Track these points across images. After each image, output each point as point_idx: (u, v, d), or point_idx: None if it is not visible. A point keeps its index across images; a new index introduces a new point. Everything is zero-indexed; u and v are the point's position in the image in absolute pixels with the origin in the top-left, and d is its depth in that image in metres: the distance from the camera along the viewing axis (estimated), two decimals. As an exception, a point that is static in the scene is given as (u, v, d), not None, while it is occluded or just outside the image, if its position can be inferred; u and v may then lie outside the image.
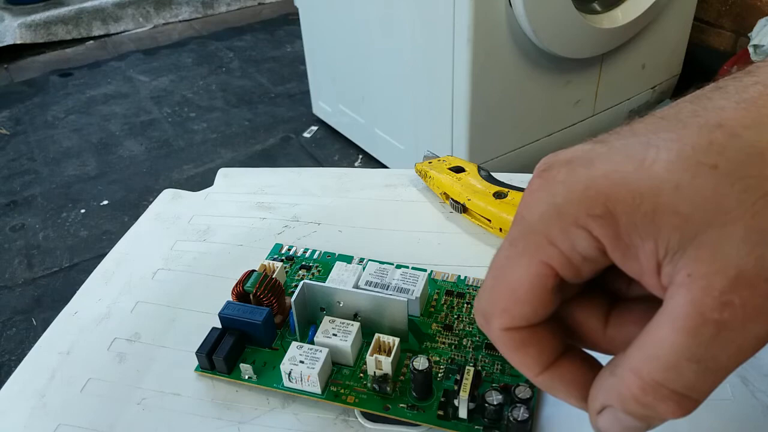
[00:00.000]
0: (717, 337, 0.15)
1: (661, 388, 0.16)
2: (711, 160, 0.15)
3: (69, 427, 0.28)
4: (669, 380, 0.16)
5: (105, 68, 2.06)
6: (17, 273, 1.25)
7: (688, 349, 0.15)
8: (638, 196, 0.16)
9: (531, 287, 0.18)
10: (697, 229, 0.15)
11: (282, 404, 0.28)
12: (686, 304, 0.15)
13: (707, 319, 0.15)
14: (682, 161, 0.15)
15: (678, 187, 0.15)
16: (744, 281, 0.15)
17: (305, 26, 1.50)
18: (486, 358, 0.29)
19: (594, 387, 0.18)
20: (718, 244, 0.15)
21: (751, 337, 0.15)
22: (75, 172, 1.55)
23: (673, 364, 0.16)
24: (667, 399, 0.16)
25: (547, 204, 0.17)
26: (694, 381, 0.16)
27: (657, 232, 0.16)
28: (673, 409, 0.16)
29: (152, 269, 0.36)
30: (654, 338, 0.16)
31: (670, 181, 0.15)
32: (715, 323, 0.15)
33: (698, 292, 0.15)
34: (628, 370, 0.17)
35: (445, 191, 0.39)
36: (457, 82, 1.10)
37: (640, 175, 0.16)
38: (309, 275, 0.35)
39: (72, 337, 0.32)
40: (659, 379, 0.16)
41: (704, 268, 0.15)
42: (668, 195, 0.15)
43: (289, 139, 1.63)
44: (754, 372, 0.28)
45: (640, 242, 0.16)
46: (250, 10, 2.44)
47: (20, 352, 1.07)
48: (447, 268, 0.34)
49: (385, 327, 0.30)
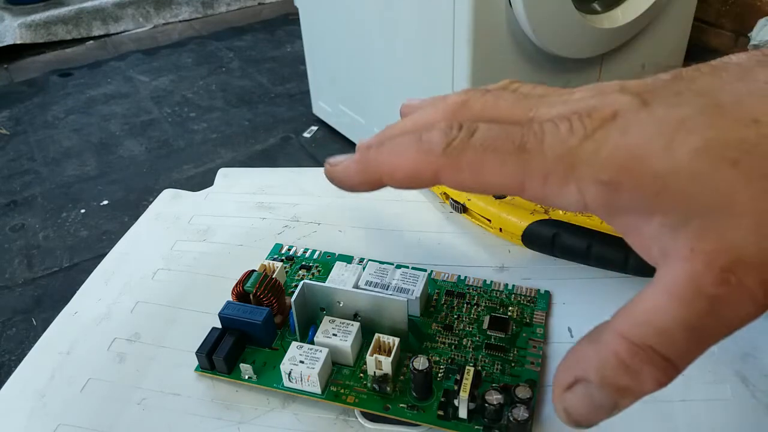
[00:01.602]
0: (710, 309, 0.16)
1: (650, 352, 0.17)
2: (735, 155, 0.16)
3: (69, 427, 0.28)
4: (660, 344, 0.16)
5: (105, 68, 2.06)
6: (17, 273, 1.25)
7: (683, 318, 0.16)
8: (652, 175, 0.16)
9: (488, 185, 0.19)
10: (704, 210, 0.16)
11: (282, 404, 0.28)
12: (685, 276, 0.16)
13: (704, 292, 0.16)
14: (707, 153, 0.16)
15: (694, 177, 0.16)
16: (743, 264, 0.16)
17: (305, 26, 1.50)
18: (486, 358, 0.29)
19: (566, 360, 0.19)
20: (724, 228, 0.16)
21: (738, 314, 0.16)
22: (75, 172, 1.55)
23: (666, 330, 0.16)
24: (654, 364, 0.17)
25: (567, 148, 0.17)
26: (683, 348, 0.17)
27: (661, 207, 0.16)
28: (658, 376, 0.17)
29: (152, 269, 0.36)
30: (647, 305, 0.17)
31: (689, 169, 0.16)
32: (710, 297, 0.16)
33: (699, 266, 0.16)
34: (616, 335, 0.17)
35: (445, 191, 0.39)
36: (457, 82, 1.10)
37: (663, 156, 0.16)
38: (309, 275, 0.35)
39: (72, 337, 0.32)
40: (651, 343, 0.16)
41: (708, 245, 0.16)
42: (683, 181, 0.16)
43: (289, 139, 1.63)
44: (754, 372, 0.28)
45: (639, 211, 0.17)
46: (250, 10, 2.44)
47: (20, 352, 1.07)
48: (447, 268, 0.34)
49: (385, 327, 0.30)
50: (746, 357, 0.28)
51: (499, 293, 0.33)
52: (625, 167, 0.16)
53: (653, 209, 0.17)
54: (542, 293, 0.33)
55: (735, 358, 0.28)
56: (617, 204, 0.17)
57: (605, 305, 0.32)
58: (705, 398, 0.27)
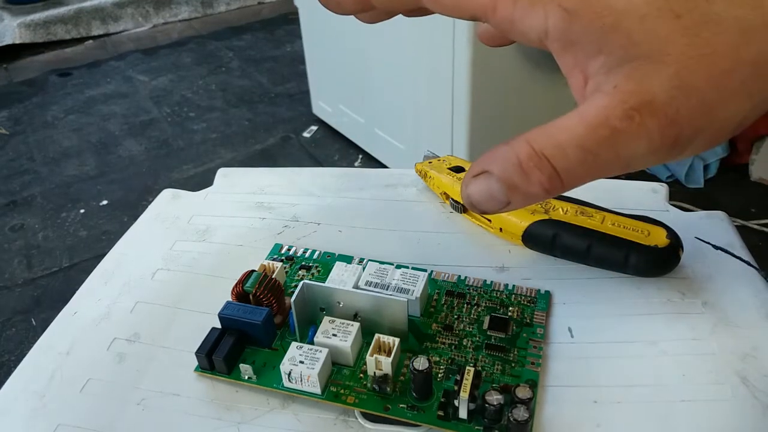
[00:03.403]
0: (607, 139, 0.18)
1: (543, 160, 0.19)
2: (680, 10, 0.18)
3: (68, 427, 0.28)
4: (553, 156, 0.19)
5: (104, 68, 2.06)
6: (17, 273, 1.25)
7: (581, 139, 0.19)
8: (609, 10, 0.19)
9: None
10: (639, 55, 0.18)
11: (282, 404, 0.28)
12: (598, 107, 0.18)
13: (608, 123, 0.18)
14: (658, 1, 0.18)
15: (642, 19, 0.18)
16: (650, 108, 0.18)
17: (305, 26, 1.50)
18: (486, 359, 0.29)
19: (483, 156, 0.21)
20: (649, 74, 0.18)
21: (629, 151, 0.19)
22: (74, 172, 1.55)
23: (563, 146, 0.19)
24: (543, 171, 0.19)
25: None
26: (572, 166, 0.19)
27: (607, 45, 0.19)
28: (542, 182, 0.19)
29: (152, 269, 0.36)
30: (558, 124, 0.19)
31: (639, 12, 0.18)
32: (612, 128, 0.18)
33: (612, 100, 0.18)
34: (523, 140, 0.20)
35: (445, 191, 0.39)
36: (457, 82, 1.10)
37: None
38: (309, 275, 0.35)
39: (71, 338, 0.32)
40: (547, 153, 0.19)
41: (629, 86, 0.18)
42: (631, 21, 0.18)
43: (289, 138, 1.63)
44: (755, 372, 0.28)
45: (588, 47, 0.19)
46: (249, 9, 2.44)
47: (20, 353, 1.07)
48: (447, 268, 0.34)
49: (385, 327, 0.30)
50: (746, 357, 0.28)
51: (500, 293, 0.33)
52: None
53: (601, 45, 0.19)
54: (542, 293, 0.33)
55: (735, 359, 0.28)
56: (573, 34, 0.19)
57: (605, 305, 0.32)
58: (705, 398, 0.27)
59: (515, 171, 0.19)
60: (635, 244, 0.32)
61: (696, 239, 0.35)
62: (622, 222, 0.33)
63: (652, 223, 0.33)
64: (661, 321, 0.31)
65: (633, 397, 0.27)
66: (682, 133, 0.18)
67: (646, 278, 0.33)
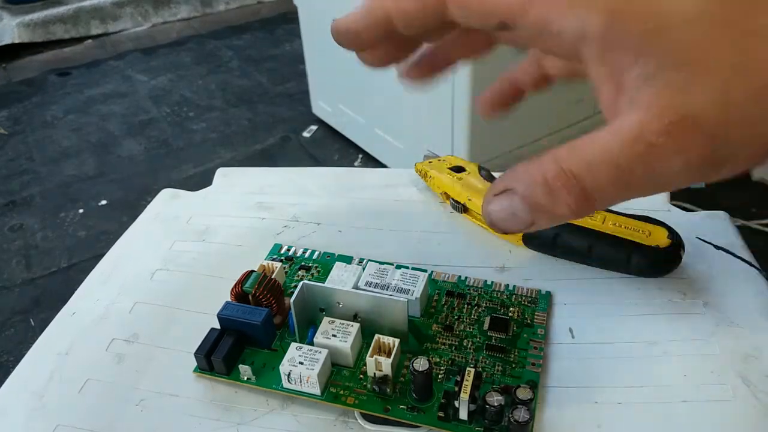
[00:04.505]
0: (642, 155, 0.17)
1: (571, 179, 0.18)
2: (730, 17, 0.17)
3: (67, 427, 0.28)
4: (583, 174, 0.18)
5: (103, 67, 2.06)
6: (15, 273, 1.24)
7: (613, 156, 0.17)
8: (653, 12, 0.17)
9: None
10: (681, 63, 0.17)
11: (281, 405, 0.28)
12: (633, 121, 0.17)
13: (644, 138, 0.17)
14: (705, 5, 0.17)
15: (689, 24, 0.17)
16: (688, 124, 0.17)
17: (304, 25, 1.50)
18: (486, 360, 0.29)
19: (507, 172, 0.20)
20: (689, 85, 0.17)
21: (665, 169, 0.17)
22: (73, 171, 1.55)
23: (594, 163, 0.17)
24: (570, 191, 0.18)
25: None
26: (603, 185, 0.18)
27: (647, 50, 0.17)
28: (569, 203, 0.18)
29: (151, 269, 0.36)
30: (588, 140, 0.18)
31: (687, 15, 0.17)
32: (648, 144, 0.17)
33: (648, 114, 0.17)
34: (551, 157, 0.18)
35: (446, 191, 0.39)
36: (457, 82, 1.10)
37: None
38: (308, 276, 0.34)
39: (70, 338, 0.32)
40: (575, 171, 0.18)
41: (667, 98, 0.17)
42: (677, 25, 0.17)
43: (289, 138, 1.63)
44: (756, 372, 0.28)
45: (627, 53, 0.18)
46: (249, 8, 2.44)
47: (18, 353, 1.07)
48: (447, 268, 0.34)
49: (385, 328, 0.29)
50: (747, 357, 0.28)
51: (500, 294, 0.33)
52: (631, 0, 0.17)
53: (641, 51, 0.17)
54: (543, 294, 0.32)
55: (736, 359, 0.28)
56: (613, 37, 0.18)
57: (607, 306, 0.32)
58: (706, 399, 0.27)
59: (541, 190, 0.18)
60: (636, 245, 0.32)
61: (697, 239, 0.34)
62: (624, 222, 0.33)
63: (653, 223, 0.33)
64: (663, 321, 0.31)
65: (634, 397, 0.27)
66: (722, 152, 0.17)
67: (648, 278, 0.33)
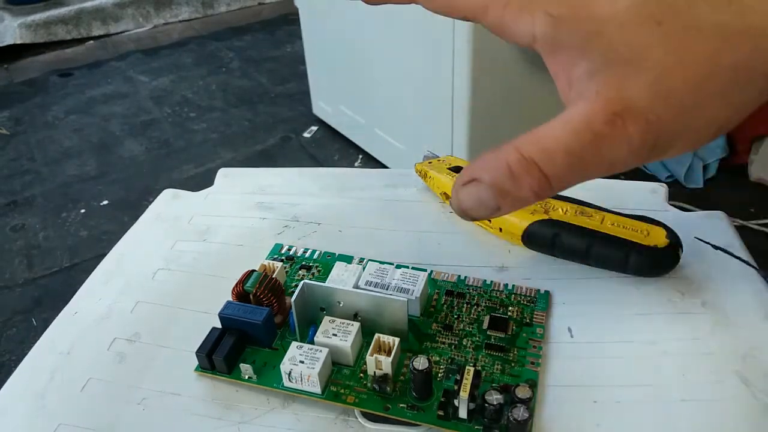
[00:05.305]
0: (591, 143, 0.19)
1: (532, 165, 0.20)
2: (661, 17, 0.18)
3: (69, 427, 0.28)
4: (542, 160, 0.20)
5: (105, 68, 2.07)
6: (17, 273, 1.25)
7: (567, 144, 0.19)
8: (592, 17, 0.19)
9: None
10: (620, 61, 0.19)
11: (282, 404, 0.28)
12: (582, 112, 0.19)
13: (592, 127, 0.19)
14: (640, 8, 0.19)
15: (623, 26, 0.19)
16: (632, 113, 0.19)
17: (305, 26, 1.50)
18: (486, 358, 0.29)
19: (471, 164, 0.22)
20: (629, 79, 0.19)
21: (612, 154, 0.19)
22: (75, 172, 1.55)
23: (550, 151, 0.19)
24: (532, 175, 0.20)
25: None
26: (559, 170, 0.20)
27: (589, 51, 0.19)
28: (532, 185, 0.20)
29: (152, 269, 0.36)
30: (543, 129, 0.20)
31: (620, 19, 0.19)
32: (595, 133, 0.19)
33: (596, 106, 0.19)
34: (512, 147, 0.20)
35: (445, 191, 0.39)
36: (457, 82, 1.10)
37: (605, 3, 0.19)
38: (309, 275, 0.35)
39: (72, 338, 0.32)
40: (535, 158, 0.20)
41: (610, 91, 0.19)
42: (613, 28, 0.19)
43: (289, 139, 1.63)
44: (755, 372, 0.28)
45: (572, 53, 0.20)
46: (250, 10, 2.44)
47: (20, 352, 1.07)
48: (447, 268, 0.34)
49: (385, 327, 0.30)
50: (746, 357, 0.28)
51: (499, 293, 0.33)
52: (572, 5, 0.19)
53: (584, 50, 0.19)
54: (542, 293, 0.33)
55: (735, 358, 0.28)
56: (558, 39, 0.20)
57: (605, 305, 0.32)
58: (705, 398, 0.27)
59: (505, 177, 0.20)
60: (635, 244, 0.32)
61: (695, 239, 0.35)
62: (622, 222, 0.33)
63: (651, 223, 0.33)
64: (661, 321, 0.31)
65: (633, 396, 0.27)
66: (662, 137, 0.19)
67: (646, 278, 0.33)
